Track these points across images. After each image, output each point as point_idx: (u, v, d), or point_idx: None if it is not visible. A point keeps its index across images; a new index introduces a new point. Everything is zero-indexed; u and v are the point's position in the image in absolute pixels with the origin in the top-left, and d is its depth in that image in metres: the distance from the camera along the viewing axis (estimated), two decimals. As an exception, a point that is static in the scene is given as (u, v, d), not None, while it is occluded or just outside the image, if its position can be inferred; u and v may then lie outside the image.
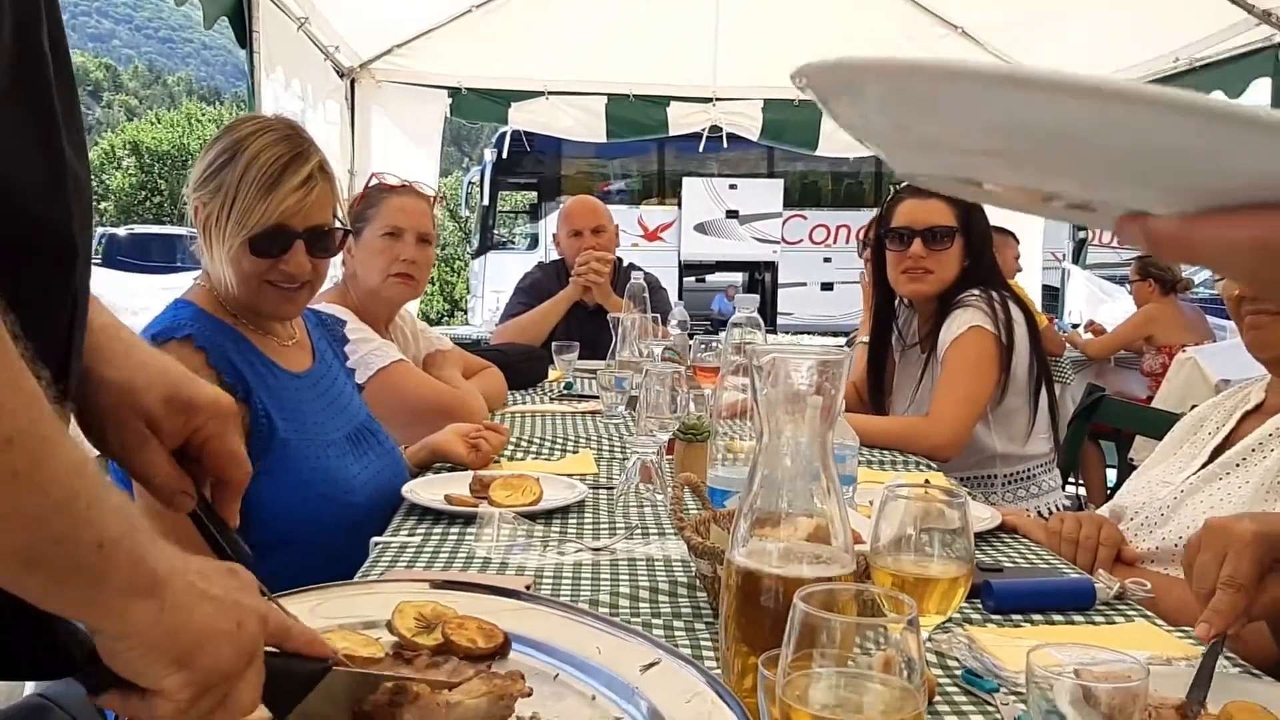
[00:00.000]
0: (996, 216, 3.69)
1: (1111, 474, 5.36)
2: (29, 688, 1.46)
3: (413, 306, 3.20)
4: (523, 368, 3.78)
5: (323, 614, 1.23)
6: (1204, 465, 1.93)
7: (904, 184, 3.14)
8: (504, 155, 13.95)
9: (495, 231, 17.20)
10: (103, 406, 0.97)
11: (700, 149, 7.76)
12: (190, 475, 1.02)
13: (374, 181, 3.05)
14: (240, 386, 1.96)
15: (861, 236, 5.57)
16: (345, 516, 2.03)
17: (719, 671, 1.19)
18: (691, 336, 3.42)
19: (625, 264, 4.67)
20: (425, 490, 2.11)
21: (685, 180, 16.32)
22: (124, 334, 1.02)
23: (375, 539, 1.84)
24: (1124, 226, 0.47)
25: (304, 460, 2.03)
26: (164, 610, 0.73)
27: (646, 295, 3.76)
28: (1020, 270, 6.62)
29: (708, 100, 7.12)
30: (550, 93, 6.98)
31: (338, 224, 2.16)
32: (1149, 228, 0.47)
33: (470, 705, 1.00)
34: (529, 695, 1.04)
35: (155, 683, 0.75)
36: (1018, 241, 6.63)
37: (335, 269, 3.11)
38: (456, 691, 1.02)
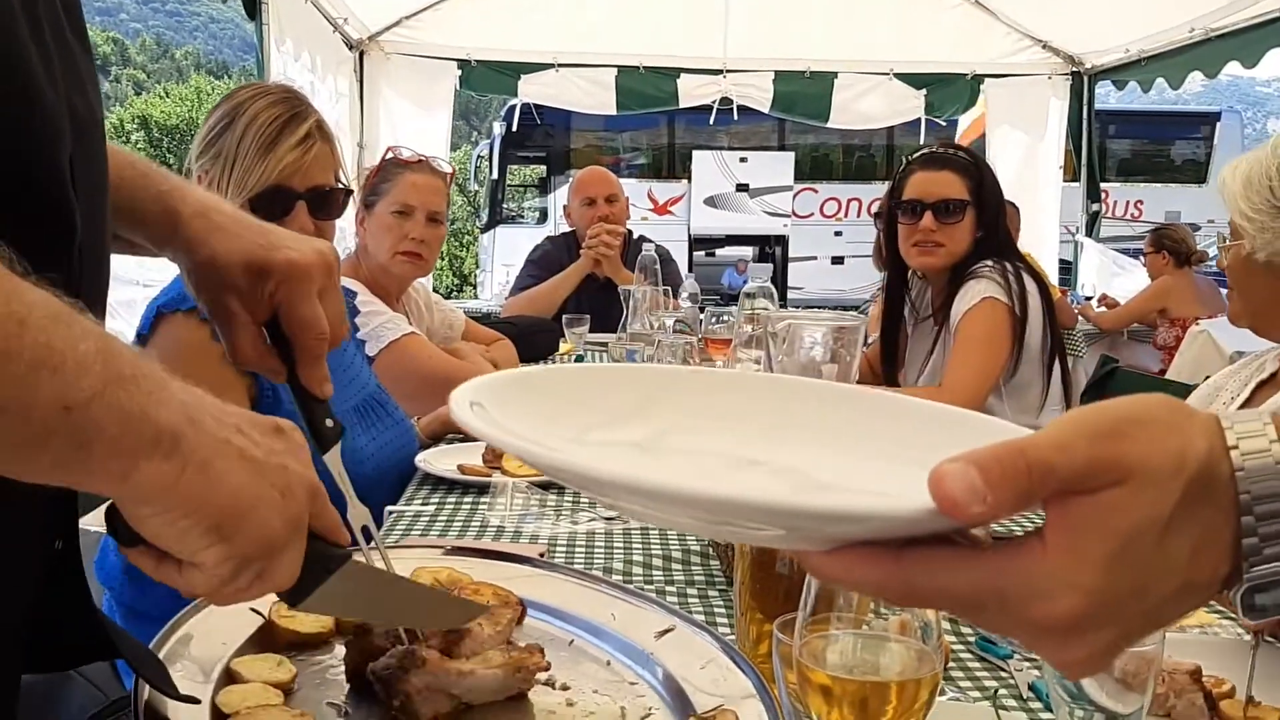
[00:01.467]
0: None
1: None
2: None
3: (423, 280, 3.19)
4: (534, 340, 3.78)
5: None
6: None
7: (916, 155, 3.12)
8: (513, 129, 13.89)
9: (504, 206, 17.16)
10: (197, 288, 0.98)
11: (710, 122, 7.73)
12: (280, 350, 0.99)
13: (389, 155, 3.03)
14: None
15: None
16: (353, 487, 2.03)
17: (733, 638, 1.20)
18: (702, 309, 3.41)
19: (636, 236, 4.66)
20: (439, 460, 2.12)
21: (695, 154, 16.24)
22: (212, 216, 1.00)
23: (390, 508, 1.85)
24: (797, 558, 0.57)
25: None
26: (186, 470, 0.64)
27: (658, 267, 3.75)
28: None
29: (718, 72, 7.09)
30: (560, 65, 6.95)
31: (340, 185, 2.15)
32: (807, 560, 0.54)
33: (485, 675, 0.98)
34: (547, 669, 1.05)
35: (192, 555, 0.67)
36: (1018, 212, 6.60)
37: (349, 240, 3.11)
38: (473, 660, 1.01)
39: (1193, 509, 0.52)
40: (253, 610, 1.10)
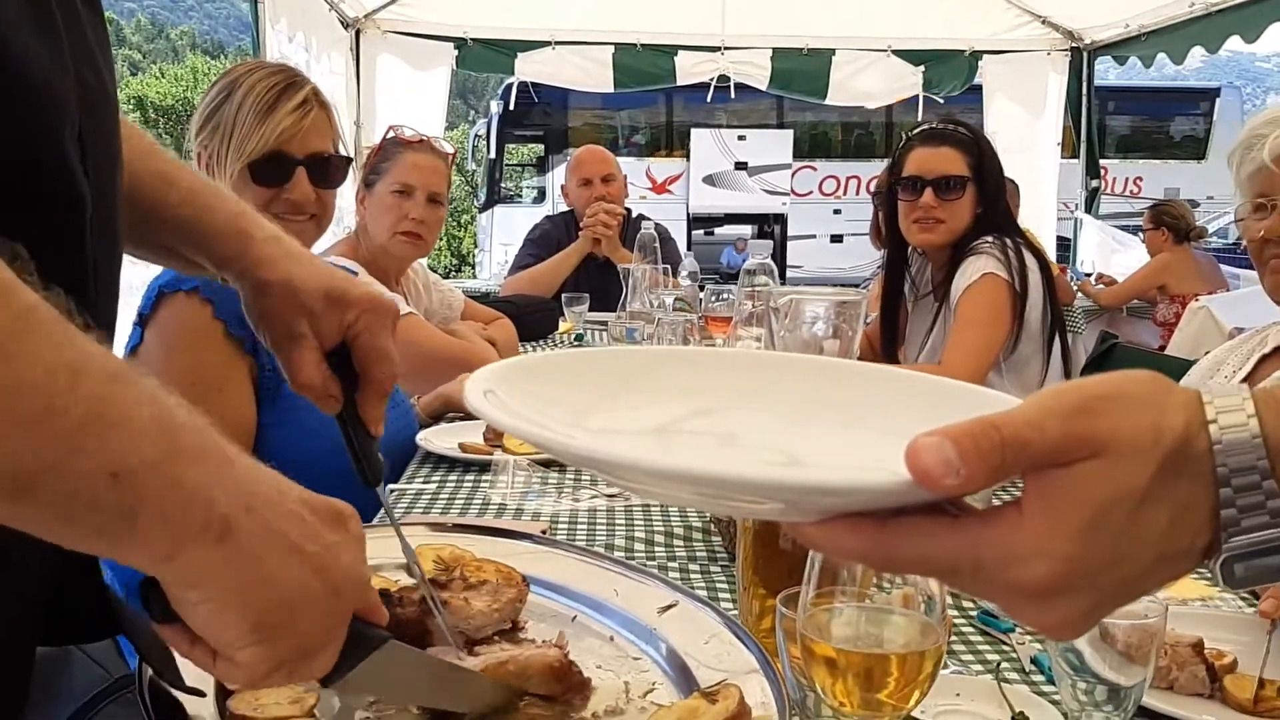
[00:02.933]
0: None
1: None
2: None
3: (422, 260, 3.18)
4: (533, 319, 3.77)
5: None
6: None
7: (916, 131, 3.11)
8: (510, 108, 13.83)
9: (502, 185, 17.11)
10: (264, 310, 0.99)
11: (709, 99, 7.70)
12: (340, 382, 1.01)
13: (390, 134, 3.02)
14: (248, 338, 1.95)
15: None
16: (349, 470, 2.03)
17: (736, 613, 1.20)
18: (702, 288, 3.41)
19: (635, 215, 4.65)
20: (440, 439, 2.12)
21: (694, 132, 16.19)
22: (285, 242, 1.04)
23: (391, 486, 1.85)
24: (790, 529, 0.57)
25: (310, 412, 2.01)
26: (236, 560, 0.60)
27: (657, 245, 3.75)
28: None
29: (716, 49, 7.06)
30: (557, 43, 6.92)
31: (340, 154, 2.16)
32: (799, 530, 0.56)
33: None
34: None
35: (229, 650, 0.63)
36: (1017, 189, 6.59)
37: (349, 219, 3.10)
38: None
39: (1170, 482, 0.53)
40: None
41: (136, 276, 1.78)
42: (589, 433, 0.65)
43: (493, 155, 16.71)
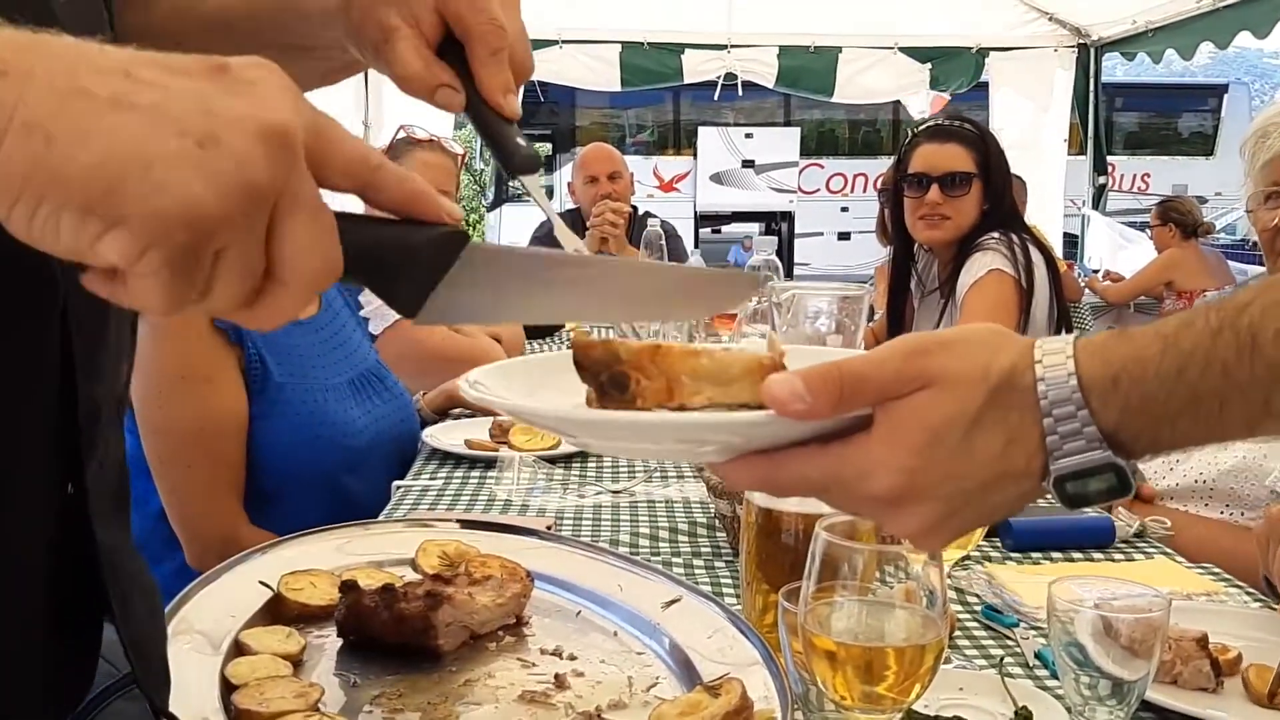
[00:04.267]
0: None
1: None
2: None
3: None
4: (540, 317, 3.76)
5: (349, 551, 1.25)
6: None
7: (922, 128, 3.11)
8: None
9: (510, 184, 17.10)
10: (352, 18, 0.83)
11: (715, 97, 7.69)
12: (458, 74, 0.83)
13: (401, 134, 3.03)
14: (231, 330, 1.93)
15: None
16: (345, 458, 2.03)
17: (739, 608, 1.20)
18: (708, 284, 3.40)
19: (641, 213, 4.65)
20: (446, 435, 2.13)
21: (700, 130, 16.15)
22: None
23: (397, 482, 1.86)
24: (712, 469, 0.71)
25: (301, 404, 2.02)
26: (13, 124, 0.46)
27: (664, 242, 3.74)
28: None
29: (722, 47, 7.06)
30: (564, 41, 6.92)
31: None
32: (717, 470, 0.69)
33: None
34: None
35: (93, 254, 0.48)
36: (1024, 185, 6.56)
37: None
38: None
39: (1001, 411, 0.63)
40: (262, 584, 1.11)
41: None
42: (542, 399, 0.73)
43: (500, 155, 16.67)
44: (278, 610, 1.09)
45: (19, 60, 0.47)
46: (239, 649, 1.01)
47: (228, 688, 0.93)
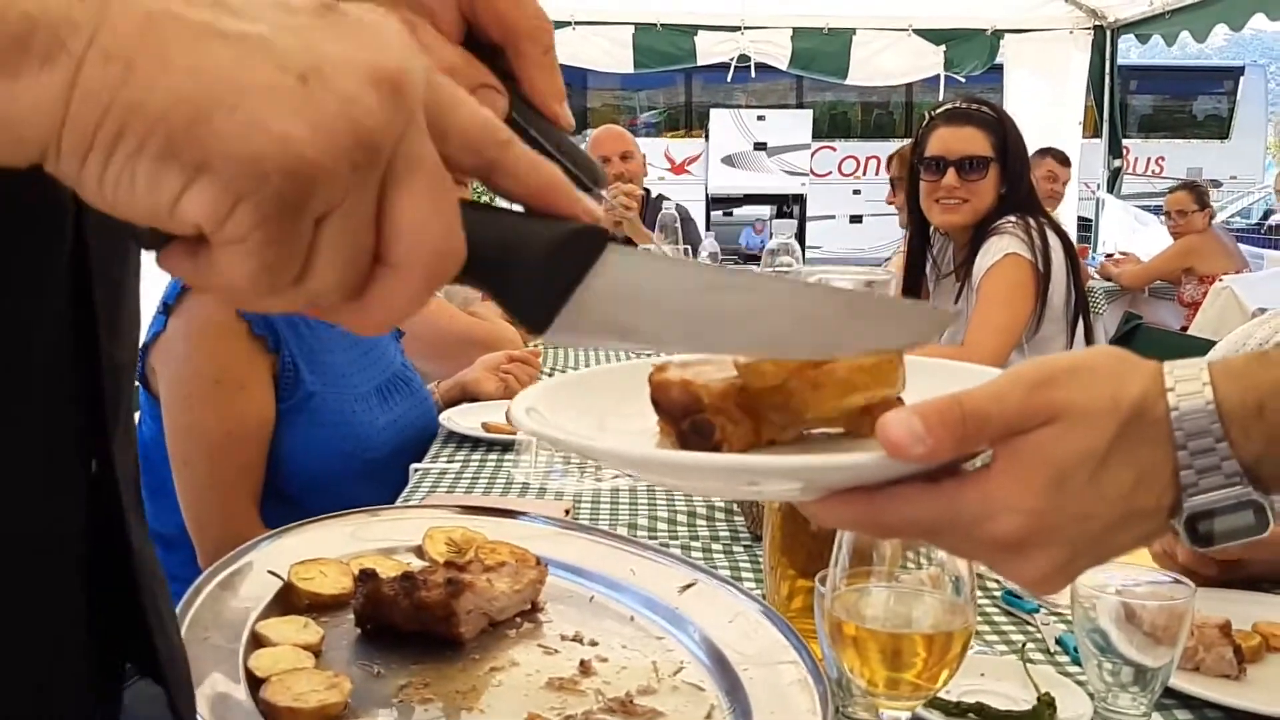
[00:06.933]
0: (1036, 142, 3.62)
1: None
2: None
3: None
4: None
5: (360, 537, 1.24)
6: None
7: (939, 111, 3.09)
8: (529, 88, 13.77)
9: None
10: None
11: (728, 80, 7.67)
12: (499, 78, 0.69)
13: None
14: (271, 337, 1.92)
15: None
16: (363, 470, 2.03)
17: (759, 593, 1.20)
18: (723, 268, 3.39)
19: (655, 195, 4.64)
20: (463, 418, 2.13)
21: (713, 112, 16.10)
22: None
23: (414, 465, 1.86)
24: (800, 507, 0.64)
25: (329, 414, 2.01)
26: (83, 69, 0.39)
27: (678, 226, 3.74)
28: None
29: (736, 29, 7.03)
30: (577, 23, 6.90)
31: None
32: (805, 508, 0.63)
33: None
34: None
35: (165, 205, 0.41)
36: (1066, 159, 6.51)
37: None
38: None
39: (1131, 445, 0.58)
40: (270, 573, 1.10)
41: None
42: (618, 434, 0.68)
43: (512, 136, 16.64)
44: (288, 600, 1.08)
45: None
46: (256, 640, 0.99)
47: (253, 681, 0.92)
